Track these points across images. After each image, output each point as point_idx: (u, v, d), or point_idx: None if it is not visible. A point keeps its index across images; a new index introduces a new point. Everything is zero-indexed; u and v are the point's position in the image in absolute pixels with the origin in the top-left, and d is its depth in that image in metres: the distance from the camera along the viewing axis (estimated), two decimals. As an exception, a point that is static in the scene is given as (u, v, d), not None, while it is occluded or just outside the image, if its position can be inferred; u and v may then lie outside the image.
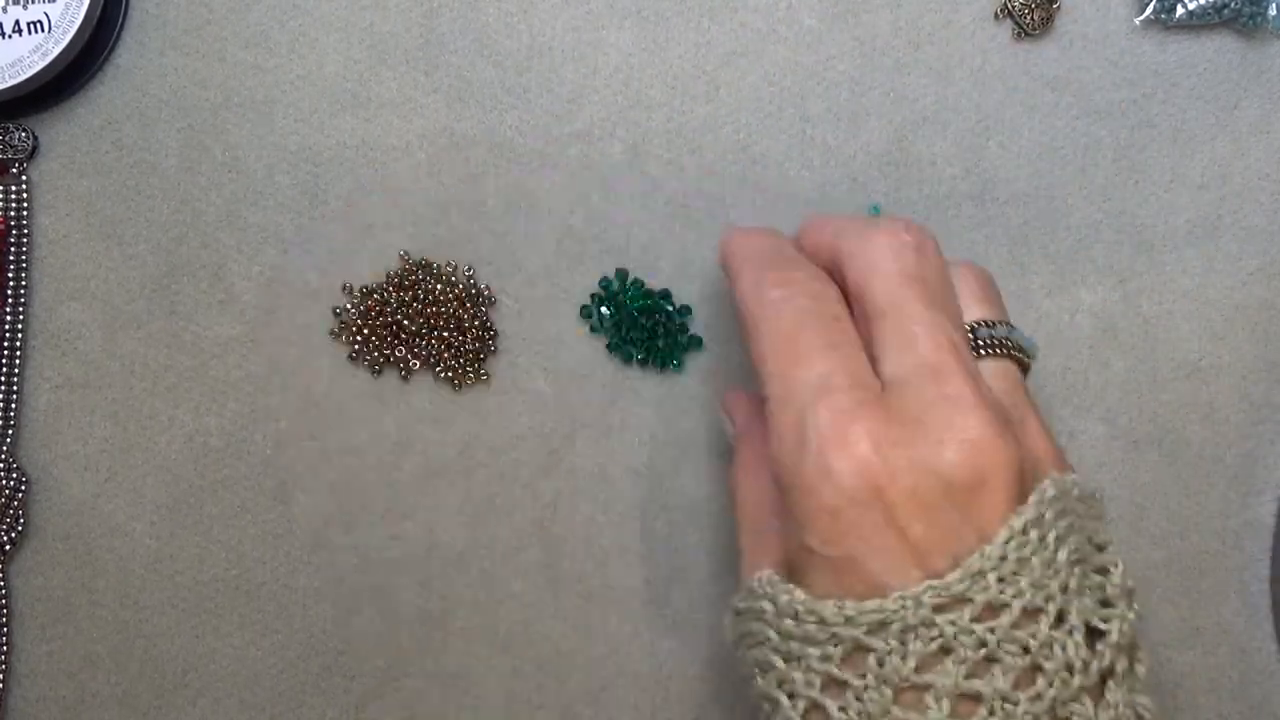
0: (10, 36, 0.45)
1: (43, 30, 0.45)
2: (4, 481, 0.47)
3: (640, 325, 0.48)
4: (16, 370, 0.47)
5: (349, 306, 0.48)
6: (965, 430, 0.34)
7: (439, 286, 0.48)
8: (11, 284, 0.47)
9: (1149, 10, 0.48)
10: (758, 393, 0.39)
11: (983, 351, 0.39)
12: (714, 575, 0.49)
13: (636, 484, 0.49)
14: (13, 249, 0.47)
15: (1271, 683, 0.50)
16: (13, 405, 0.47)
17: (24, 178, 0.47)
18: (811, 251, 0.41)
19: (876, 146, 0.49)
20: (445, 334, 0.48)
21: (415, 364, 0.48)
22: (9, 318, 0.47)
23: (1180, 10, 0.48)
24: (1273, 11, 0.48)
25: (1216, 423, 0.50)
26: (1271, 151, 0.49)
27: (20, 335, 0.47)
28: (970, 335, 0.39)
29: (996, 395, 0.37)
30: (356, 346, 0.48)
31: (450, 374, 0.48)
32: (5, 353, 0.47)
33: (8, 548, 0.47)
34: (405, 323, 0.48)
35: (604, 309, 0.48)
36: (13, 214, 0.47)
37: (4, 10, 0.45)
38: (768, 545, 0.39)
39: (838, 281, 0.39)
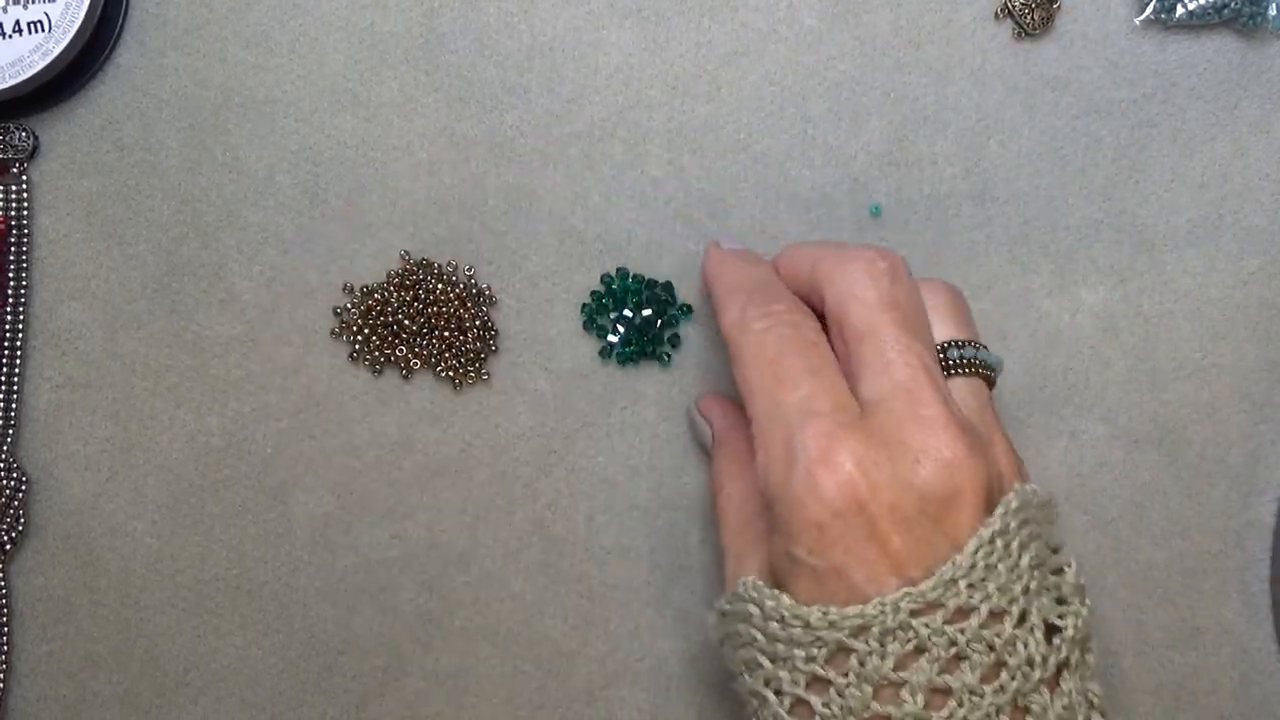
0: (10, 36, 0.45)
1: (43, 30, 0.45)
2: (4, 481, 0.47)
3: (637, 328, 0.48)
4: (16, 370, 0.47)
5: (349, 306, 0.48)
6: (939, 449, 0.37)
7: (439, 286, 0.48)
8: (11, 284, 0.47)
9: (1149, 10, 0.48)
10: (735, 400, 0.43)
11: (953, 371, 0.41)
12: (714, 574, 0.49)
13: (637, 483, 0.49)
14: (13, 249, 0.47)
15: (1272, 683, 0.50)
16: (13, 405, 0.47)
17: (24, 178, 0.47)
18: (789, 277, 0.44)
19: (876, 146, 0.49)
20: (446, 334, 0.48)
21: (416, 363, 0.48)
22: (9, 318, 0.47)
23: (1180, 10, 0.48)
24: (1273, 11, 0.48)
25: (1217, 422, 0.50)
26: (1271, 151, 0.49)
27: (20, 335, 0.47)
28: (941, 355, 0.41)
29: (966, 414, 0.40)
30: (357, 346, 0.48)
31: (451, 374, 0.48)
32: (5, 353, 0.47)
33: (8, 548, 0.47)
34: (406, 322, 0.48)
35: (609, 323, 0.48)
36: (13, 214, 0.47)
37: (4, 10, 0.45)
38: (751, 547, 0.41)
39: (815, 307, 0.42)
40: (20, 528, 0.47)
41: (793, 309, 0.41)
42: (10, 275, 0.47)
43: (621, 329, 0.48)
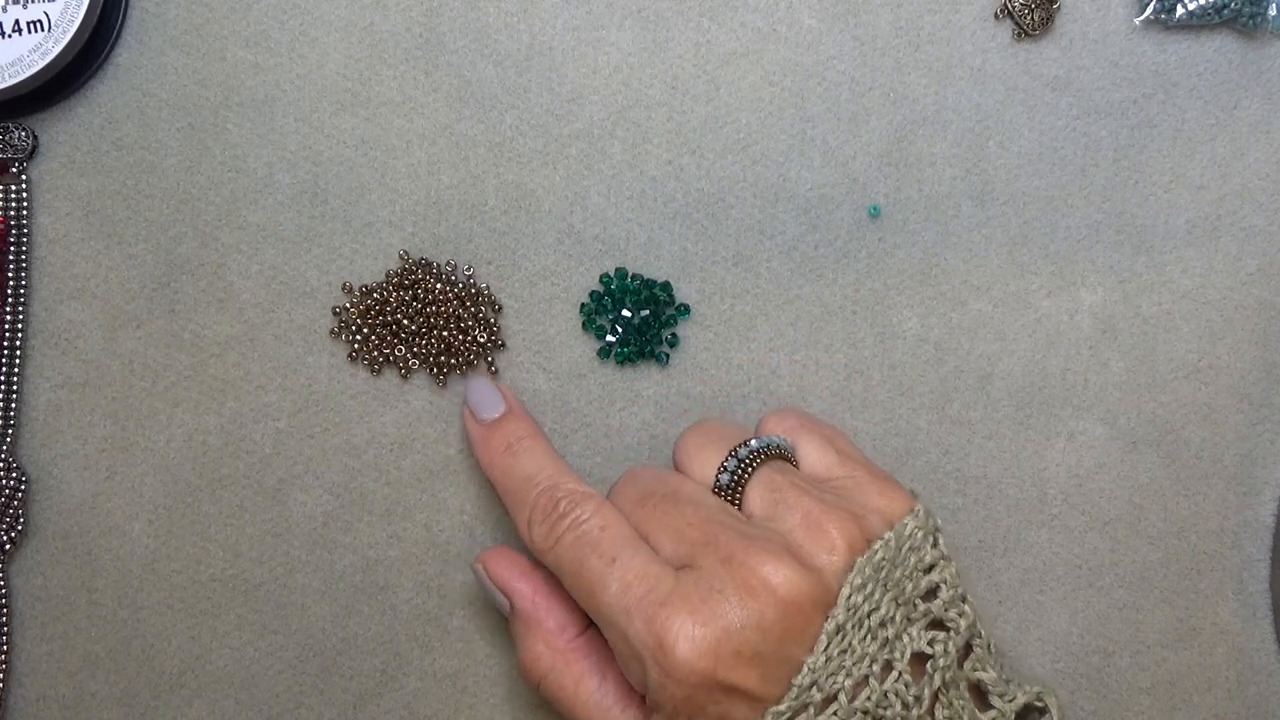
0: (10, 36, 0.45)
1: (42, 29, 0.45)
2: (4, 481, 0.47)
3: (636, 328, 0.48)
4: (16, 370, 0.47)
5: (348, 305, 0.48)
6: (756, 586, 0.39)
7: (439, 286, 0.48)
8: (11, 284, 0.47)
9: (1149, 10, 0.48)
10: (529, 562, 0.45)
11: (745, 473, 0.43)
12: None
13: (636, 483, 0.49)
14: (13, 248, 0.47)
15: (1269, 683, 0.50)
16: (13, 405, 0.47)
17: (24, 177, 0.47)
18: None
19: (876, 146, 0.49)
20: (445, 333, 0.48)
21: (414, 363, 0.48)
22: (9, 317, 0.47)
23: (1180, 10, 0.48)
24: (1273, 11, 0.48)
25: (1215, 423, 0.50)
26: (1271, 151, 0.49)
27: (20, 335, 0.47)
28: (719, 476, 0.43)
29: (781, 530, 0.41)
30: (356, 345, 0.48)
31: (450, 373, 0.48)
32: (5, 352, 0.47)
33: (8, 547, 0.47)
34: (405, 322, 0.48)
35: (607, 323, 0.48)
36: (13, 213, 0.47)
37: (4, 10, 0.45)
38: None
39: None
40: (20, 527, 0.47)
41: (573, 503, 0.43)
42: (10, 275, 0.47)
43: (620, 329, 0.48)
